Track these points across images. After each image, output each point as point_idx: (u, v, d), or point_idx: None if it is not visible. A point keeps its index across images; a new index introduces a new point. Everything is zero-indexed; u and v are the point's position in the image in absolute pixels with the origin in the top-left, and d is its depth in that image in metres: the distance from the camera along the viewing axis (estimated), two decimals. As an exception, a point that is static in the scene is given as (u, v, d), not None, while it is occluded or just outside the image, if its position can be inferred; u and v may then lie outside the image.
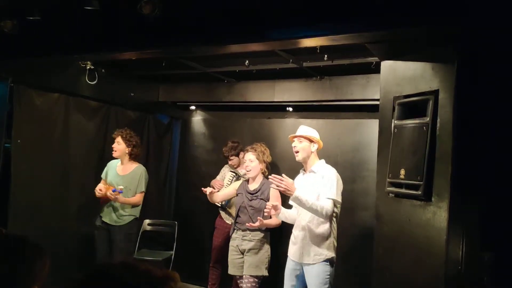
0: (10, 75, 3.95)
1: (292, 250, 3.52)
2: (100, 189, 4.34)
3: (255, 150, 3.94)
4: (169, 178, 5.86)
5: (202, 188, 3.95)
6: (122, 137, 4.43)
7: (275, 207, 3.42)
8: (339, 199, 3.37)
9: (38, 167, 4.23)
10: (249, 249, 3.83)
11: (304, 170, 3.58)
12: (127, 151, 4.47)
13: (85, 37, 3.23)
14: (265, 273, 3.82)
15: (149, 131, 5.56)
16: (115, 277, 0.93)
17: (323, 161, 3.56)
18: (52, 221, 4.34)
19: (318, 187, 3.38)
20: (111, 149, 4.52)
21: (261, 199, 3.87)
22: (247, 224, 3.78)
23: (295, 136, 3.54)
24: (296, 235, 3.50)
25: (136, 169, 4.54)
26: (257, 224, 3.65)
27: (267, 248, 3.87)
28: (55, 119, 4.41)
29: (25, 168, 4.11)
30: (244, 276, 3.83)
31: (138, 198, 4.48)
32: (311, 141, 3.50)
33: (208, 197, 4.06)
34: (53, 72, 4.29)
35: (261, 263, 3.81)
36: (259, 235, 3.84)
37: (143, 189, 4.52)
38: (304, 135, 3.51)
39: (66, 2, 3.12)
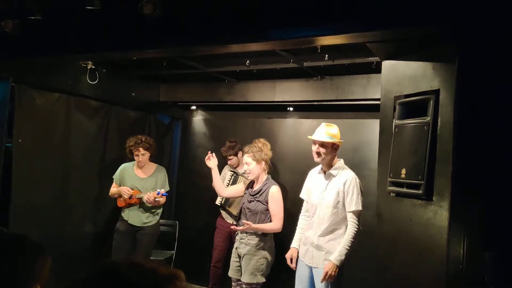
0: (11, 75, 3.96)
1: (302, 251, 3.47)
2: (128, 190, 4.34)
3: (251, 151, 3.79)
4: (170, 178, 5.85)
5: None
6: (144, 147, 4.42)
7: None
8: (362, 208, 3.30)
9: (39, 167, 4.24)
10: (245, 254, 3.70)
11: (322, 170, 3.47)
12: (149, 155, 4.50)
13: (86, 36, 3.23)
14: (261, 280, 3.67)
15: (150, 131, 5.57)
16: (121, 275, 0.94)
17: (342, 161, 3.45)
18: (53, 221, 4.34)
19: (338, 194, 3.29)
20: (112, 149, 4.53)
21: (259, 201, 3.73)
22: (231, 226, 3.73)
23: (317, 142, 3.36)
24: (307, 236, 3.44)
25: (157, 169, 4.60)
26: (243, 227, 3.61)
27: (263, 254, 3.67)
28: (56, 119, 4.41)
29: (26, 167, 4.11)
30: (242, 281, 3.76)
31: (165, 197, 4.52)
32: (334, 145, 3.37)
33: (214, 187, 4.08)
34: (54, 72, 4.29)
35: (256, 270, 3.65)
36: (255, 239, 3.68)
37: (169, 188, 4.60)
38: (328, 141, 3.32)
39: (67, 1, 3.12)
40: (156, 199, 4.31)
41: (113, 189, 4.52)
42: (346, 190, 3.27)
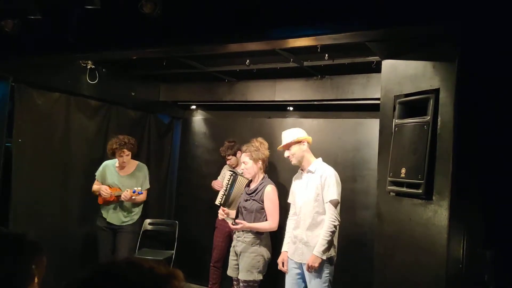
0: (11, 74, 3.95)
1: (292, 250, 3.53)
2: (106, 188, 4.35)
3: (248, 151, 3.87)
4: (170, 178, 5.87)
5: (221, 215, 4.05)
6: (128, 149, 4.41)
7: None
8: (339, 198, 3.40)
9: (39, 167, 4.24)
10: (241, 252, 3.75)
11: (302, 170, 3.60)
12: (131, 155, 4.50)
13: (86, 36, 3.22)
14: (257, 277, 3.69)
15: (150, 131, 5.57)
16: (119, 275, 0.93)
17: (320, 159, 3.59)
18: (53, 220, 4.35)
19: (317, 187, 3.43)
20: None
21: (254, 200, 3.78)
22: (229, 224, 3.77)
23: (283, 147, 3.59)
24: (296, 235, 3.51)
25: (138, 167, 4.59)
26: (237, 226, 3.68)
27: (259, 251, 3.71)
28: (56, 119, 4.41)
29: (26, 167, 4.12)
30: (239, 279, 3.79)
31: (145, 195, 4.53)
32: (298, 142, 3.52)
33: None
34: (54, 72, 4.29)
35: (252, 267, 3.68)
36: (250, 236, 3.72)
37: (148, 185, 4.58)
38: (289, 142, 3.53)
39: (67, 1, 3.12)
40: (133, 197, 4.33)
41: (95, 186, 4.52)
42: (323, 182, 3.40)
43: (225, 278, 4.66)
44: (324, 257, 3.29)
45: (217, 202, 4.76)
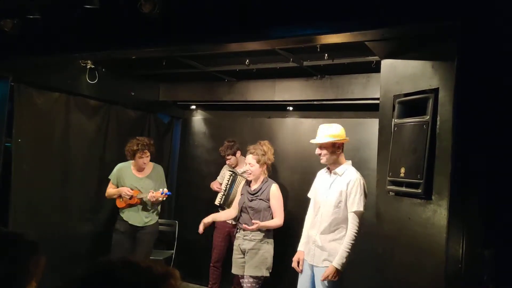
0: (11, 74, 3.96)
1: (306, 250, 3.49)
2: (128, 190, 4.34)
3: (256, 154, 3.87)
4: (170, 178, 5.87)
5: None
6: (149, 150, 4.42)
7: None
8: (363, 209, 3.28)
9: (39, 166, 4.24)
10: (249, 249, 3.80)
11: (329, 169, 3.47)
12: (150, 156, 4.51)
13: (85, 36, 3.23)
14: (265, 273, 3.76)
15: (150, 131, 5.57)
16: (117, 274, 0.94)
17: (349, 163, 3.44)
18: (52, 220, 4.35)
19: (341, 193, 3.29)
20: (112, 148, 4.53)
21: (261, 199, 3.86)
22: (243, 225, 3.80)
23: (320, 146, 3.37)
24: (310, 235, 3.45)
25: (155, 168, 4.59)
26: (253, 227, 3.72)
27: (267, 248, 3.81)
28: (55, 118, 4.41)
29: (26, 167, 4.11)
30: (244, 276, 3.82)
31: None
32: (335, 143, 3.35)
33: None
34: (54, 71, 4.29)
35: (260, 264, 3.76)
36: (259, 235, 3.81)
37: (166, 185, 4.57)
38: (327, 142, 3.32)
39: (66, 0, 3.12)
40: (160, 198, 4.34)
41: (111, 189, 4.48)
42: (349, 191, 3.27)
43: (225, 278, 4.66)
44: (342, 269, 3.19)
45: (217, 202, 4.78)
